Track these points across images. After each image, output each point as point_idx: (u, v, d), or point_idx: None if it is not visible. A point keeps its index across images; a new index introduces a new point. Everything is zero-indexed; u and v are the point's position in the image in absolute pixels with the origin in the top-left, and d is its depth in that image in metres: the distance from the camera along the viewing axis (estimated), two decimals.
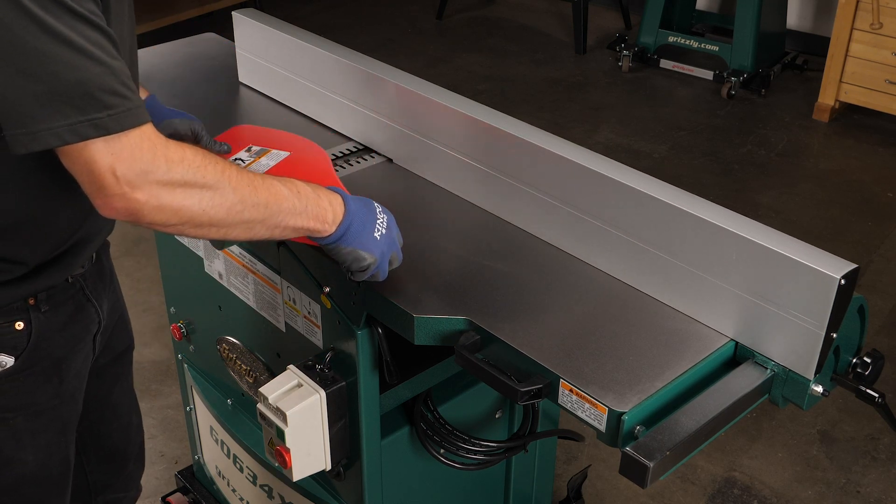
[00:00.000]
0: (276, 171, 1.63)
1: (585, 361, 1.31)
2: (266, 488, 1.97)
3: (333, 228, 1.33)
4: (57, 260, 1.40)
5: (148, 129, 1.14)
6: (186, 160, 1.17)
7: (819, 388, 1.30)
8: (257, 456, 1.93)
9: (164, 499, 2.45)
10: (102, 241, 1.54)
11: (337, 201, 1.35)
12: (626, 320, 1.42)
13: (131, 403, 1.86)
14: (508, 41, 5.69)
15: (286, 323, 1.73)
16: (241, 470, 2.05)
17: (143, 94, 1.67)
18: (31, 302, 1.39)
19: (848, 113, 4.75)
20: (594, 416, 1.24)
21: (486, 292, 1.45)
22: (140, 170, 1.13)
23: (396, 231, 1.43)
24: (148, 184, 1.13)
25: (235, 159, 1.67)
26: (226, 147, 1.70)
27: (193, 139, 1.67)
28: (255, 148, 1.71)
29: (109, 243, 1.62)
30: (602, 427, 1.24)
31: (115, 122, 1.10)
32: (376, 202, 1.42)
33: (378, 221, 1.38)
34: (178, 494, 2.44)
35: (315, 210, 1.31)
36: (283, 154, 1.69)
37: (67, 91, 1.07)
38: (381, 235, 1.37)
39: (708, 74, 5.08)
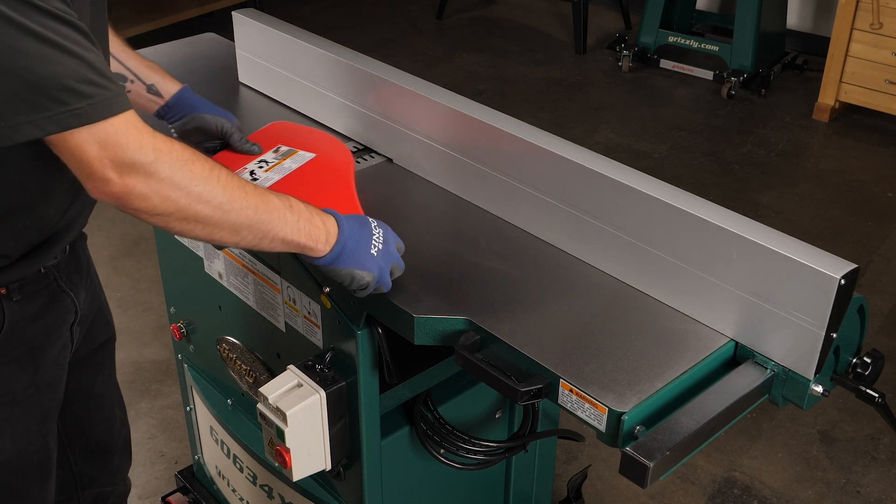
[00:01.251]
0: (297, 176, 1.63)
1: (585, 361, 1.31)
2: (266, 488, 1.97)
3: (327, 249, 1.34)
4: (32, 252, 1.42)
5: (131, 116, 1.16)
6: (175, 152, 1.19)
7: (819, 388, 1.30)
8: (257, 456, 1.93)
9: (164, 499, 2.45)
10: (77, 233, 1.55)
11: (330, 222, 1.35)
12: (626, 320, 1.42)
13: (115, 396, 1.87)
14: (508, 41, 5.69)
15: (286, 323, 1.73)
16: (241, 470, 2.05)
17: (175, 86, 1.69)
18: (3, 292, 1.40)
19: (848, 113, 4.74)
20: (594, 416, 1.25)
21: (486, 292, 1.45)
22: (127, 157, 1.15)
23: (395, 241, 1.43)
24: (135, 171, 1.16)
25: (260, 161, 1.68)
26: (256, 148, 1.71)
27: (220, 136, 1.69)
28: (283, 148, 1.72)
29: (86, 235, 1.62)
30: (602, 427, 1.24)
31: (95, 110, 1.12)
32: (371, 218, 1.41)
33: (374, 237, 1.38)
34: (178, 494, 2.44)
35: (307, 228, 1.31)
36: (309, 156, 1.69)
37: (44, 84, 1.09)
38: (378, 251, 1.38)
39: (708, 74, 5.08)
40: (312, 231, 1.32)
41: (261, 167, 1.65)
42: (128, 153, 1.15)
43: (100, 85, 1.13)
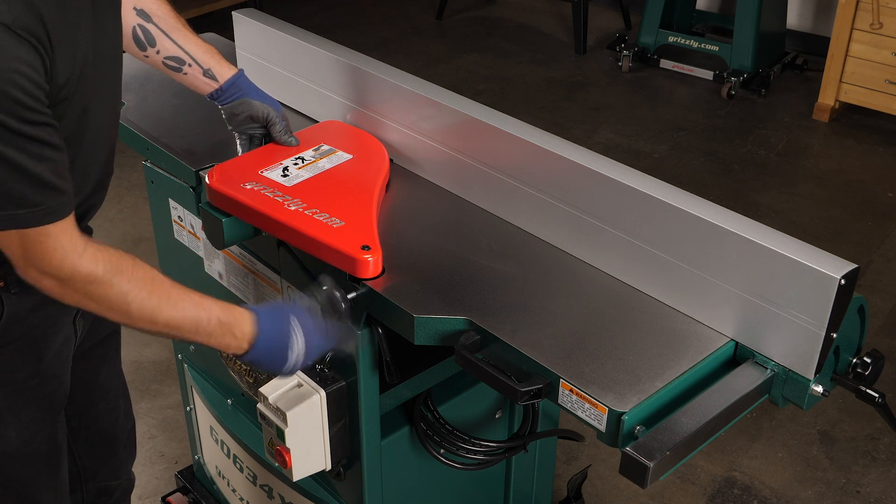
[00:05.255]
0: (325, 177, 1.66)
1: (585, 361, 1.31)
2: (266, 488, 1.97)
3: (246, 346, 1.45)
4: None
5: (64, 226, 1.25)
6: (98, 270, 1.28)
7: (819, 388, 1.30)
8: (257, 456, 1.93)
9: (164, 499, 2.45)
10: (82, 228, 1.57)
11: (248, 325, 1.44)
12: (626, 320, 1.42)
13: (119, 388, 1.88)
14: (508, 41, 5.69)
15: None
16: (241, 470, 2.05)
17: (230, 71, 1.73)
18: (1, 284, 1.43)
19: (848, 113, 4.74)
20: (594, 416, 1.25)
21: (486, 292, 1.45)
22: (47, 268, 1.26)
23: (310, 314, 1.46)
24: (53, 277, 1.28)
25: (297, 158, 1.70)
26: (294, 140, 1.75)
27: (265, 124, 1.73)
28: (324, 147, 1.75)
29: (92, 230, 1.63)
30: (602, 427, 1.24)
31: (29, 218, 1.22)
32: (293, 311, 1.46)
33: (291, 325, 1.44)
34: (178, 494, 2.44)
35: (228, 334, 1.43)
36: (346, 157, 1.72)
37: None
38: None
39: (708, 74, 5.07)
40: (235, 330, 1.43)
41: (296, 164, 1.69)
42: (49, 266, 1.26)
43: (41, 195, 1.21)
